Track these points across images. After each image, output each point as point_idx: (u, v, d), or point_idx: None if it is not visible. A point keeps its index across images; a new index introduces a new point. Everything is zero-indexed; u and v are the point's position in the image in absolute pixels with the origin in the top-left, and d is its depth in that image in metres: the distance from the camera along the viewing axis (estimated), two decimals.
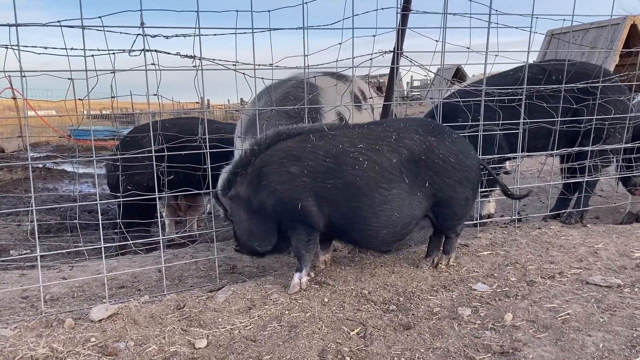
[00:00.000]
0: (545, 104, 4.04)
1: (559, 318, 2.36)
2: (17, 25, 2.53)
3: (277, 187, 2.76)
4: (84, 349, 2.23)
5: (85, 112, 3.11)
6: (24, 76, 2.64)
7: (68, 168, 10.08)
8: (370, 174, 2.73)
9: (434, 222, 3.02)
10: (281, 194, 2.76)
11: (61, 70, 2.74)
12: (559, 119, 3.97)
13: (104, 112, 16.92)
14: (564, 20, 3.99)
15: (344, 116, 3.72)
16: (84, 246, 3.30)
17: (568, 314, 2.40)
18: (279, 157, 2.80)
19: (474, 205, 3.17)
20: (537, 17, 3.77)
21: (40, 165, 9.88)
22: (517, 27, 3.84)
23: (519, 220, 4.41)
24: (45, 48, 2.82)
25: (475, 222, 4.02)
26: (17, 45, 2.58)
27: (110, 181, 4.76)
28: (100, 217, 2.94)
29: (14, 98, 9.58)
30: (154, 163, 3.08)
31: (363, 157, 2.75)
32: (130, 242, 3.37)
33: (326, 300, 2.71)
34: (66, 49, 2.77)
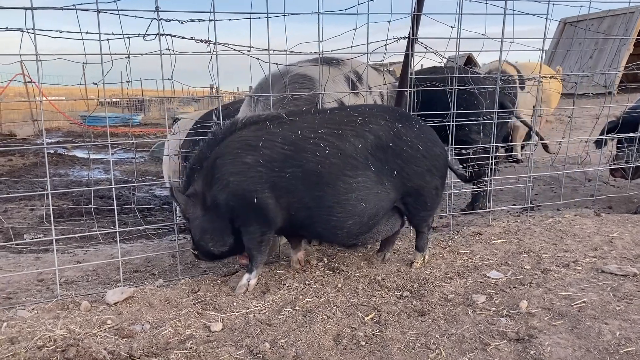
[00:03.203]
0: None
1: (574, 306, 2.35)
2: (32, 8, 2.53)
3: (230, 179, 2.58)
4: (101, 330, 2.25)
5: (98, 99, 3.11)
6: (40, 60, 2.64)
7: (79, 154, 10.14)
8: (333, 160, 2.57)
9: (405, 215, 2.88)
10: (235, 186, 2.58)
11: (76, 54, 2.75)
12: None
13: (114, 99, 16.96)
14: (580, 7, 3.94)
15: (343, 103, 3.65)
16: (99, 230, 3.33)
17: (584, 302, 2.39)
18: (234, 148, 2.61)
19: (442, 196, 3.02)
20: (553, 4, 3.73)
21: (52, 151, 9.94)
22: (532, 14, 3.80)
23: (531, 209, 4.40)
24: (60, 32, 2.81)
25: (487, 210, 4.02)
26: (32, 29, 2.58)
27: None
28: (115, 202, 2.96)
29: (29, 82, 9.61)
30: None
31: (324, 142, 2.58)
32: (144, 227, 3.39)
33: (340, 285, 2.71)
34: (81, 32, 2.77)
